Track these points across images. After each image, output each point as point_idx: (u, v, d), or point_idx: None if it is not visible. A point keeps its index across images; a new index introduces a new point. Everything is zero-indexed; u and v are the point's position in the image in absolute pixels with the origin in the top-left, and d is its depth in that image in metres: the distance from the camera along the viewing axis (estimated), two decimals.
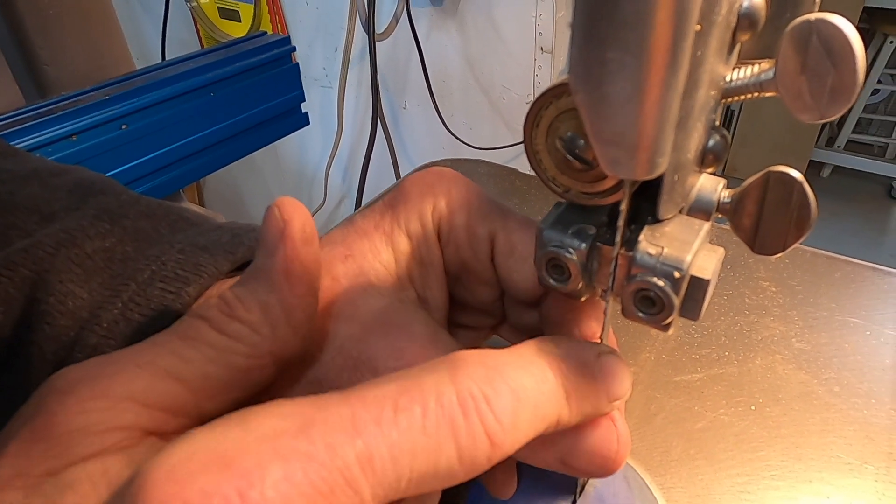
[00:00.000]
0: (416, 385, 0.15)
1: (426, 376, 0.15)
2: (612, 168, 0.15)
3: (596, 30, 0.13)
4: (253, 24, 1.24)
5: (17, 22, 0.71)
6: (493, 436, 0.15)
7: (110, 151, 0.61)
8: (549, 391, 0.16)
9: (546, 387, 0.16)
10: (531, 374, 0.16)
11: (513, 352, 0.17)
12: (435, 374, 0.15)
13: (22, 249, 0.22)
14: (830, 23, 0.17)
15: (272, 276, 0.18)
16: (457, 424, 0.14)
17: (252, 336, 0.18)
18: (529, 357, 0.17)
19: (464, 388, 0.15)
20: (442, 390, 0.15)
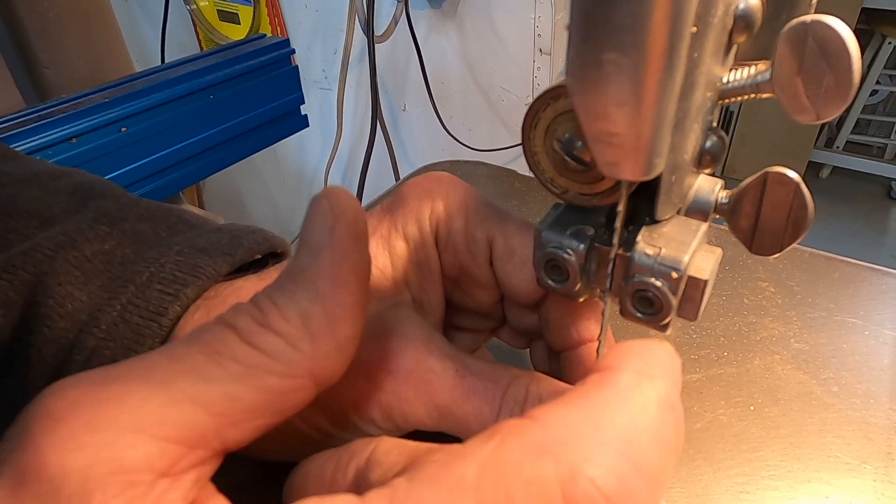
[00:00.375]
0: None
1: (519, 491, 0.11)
2: (609, 169, 0.15)
3: (593, 32, 0.13)
4: (252, 26, 1.25)
5: (17, 25, 0.72)
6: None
7: (110, 154, 0.61)
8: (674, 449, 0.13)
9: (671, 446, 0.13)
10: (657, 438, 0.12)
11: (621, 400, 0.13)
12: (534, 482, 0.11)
13: (21, 252, 0.22)
14: (826, 24, 0.17)
15: (317, 280, 0.15)
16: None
17: (289, 352, 0.15)
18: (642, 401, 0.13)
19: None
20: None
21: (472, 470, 0.11)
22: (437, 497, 0.11)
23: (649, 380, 0.13)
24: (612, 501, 0.11)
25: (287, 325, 0.15)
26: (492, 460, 0.11)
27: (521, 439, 0.12)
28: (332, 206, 0.16)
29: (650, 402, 0.13)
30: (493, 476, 0.11)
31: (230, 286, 0.23)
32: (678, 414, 0.14)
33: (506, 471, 0.11)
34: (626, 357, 0.14)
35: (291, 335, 0.15)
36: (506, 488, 0.11)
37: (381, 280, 0.22)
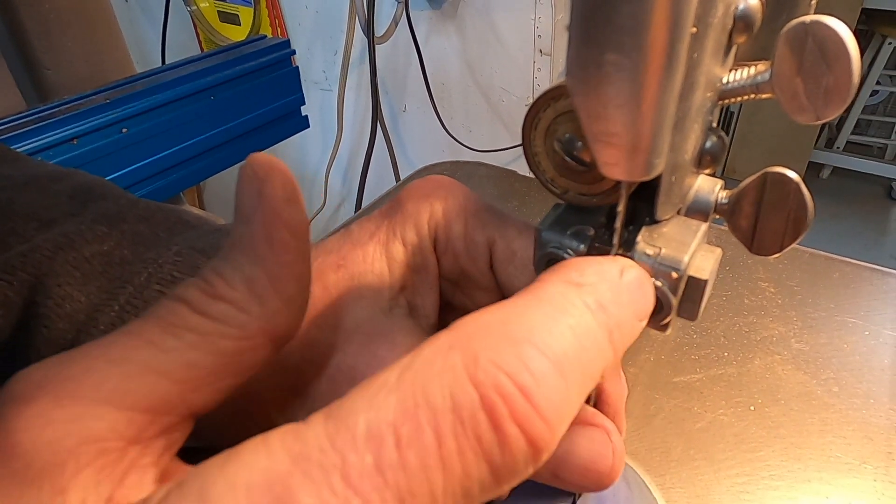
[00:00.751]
0: (422, 397, 0.11)
1: (432, 379, 0.12)
2: (609, 169, 0.15)
3: (593, 32, 0.13)
4: (252, 27, 1.25)
5: (19, 26, 0.72)
6: (536, 439, 0.12)
7: (111, 155, 0.62)
8: (595, 341, 0.13)
9: (590, 338, 0.13)
10: (571, 329, 0.13)
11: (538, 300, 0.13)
12: (444, 371, 0.12)
13: (21, 254, 0.22)
14: (825, 25, 0.17)
15: (254, 244, 0.16)
16: (486, 440, 0.11)
17: (240, 316, 0.15)
18: (562, 300, 0.13)
19: (489, 384, 0.11)
20: (459, 396, 0.11)
21: (394, 374, 0.12)
22: (365, 399, 0.12)
23: (576, 287, 0.14)
24: (514, 377, 0.11)
25: (233, 292, 0.15)
26: (410, 363, 0.12)
27: (434, 342, 0.12)
28: (258, 171, 0.16)
29: (572, 304, 0.13)
30: (410, 374, 0.12)
31: None
32: (608, 314, 0.14)
33: (420, 368, 0.12)
34: (560, 270, 0.15)
35: (239, 300, 0.15)
36: (422, 380, 0.12)
37: (376, 285, 0.22)
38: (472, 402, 0.11)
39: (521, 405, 0.11)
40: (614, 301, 0.14)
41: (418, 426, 0.11)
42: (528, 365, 0.12)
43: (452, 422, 0.11)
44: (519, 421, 0.11)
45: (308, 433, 0.12)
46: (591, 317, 0.13)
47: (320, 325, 0.21)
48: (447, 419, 0.11)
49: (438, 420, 0.11)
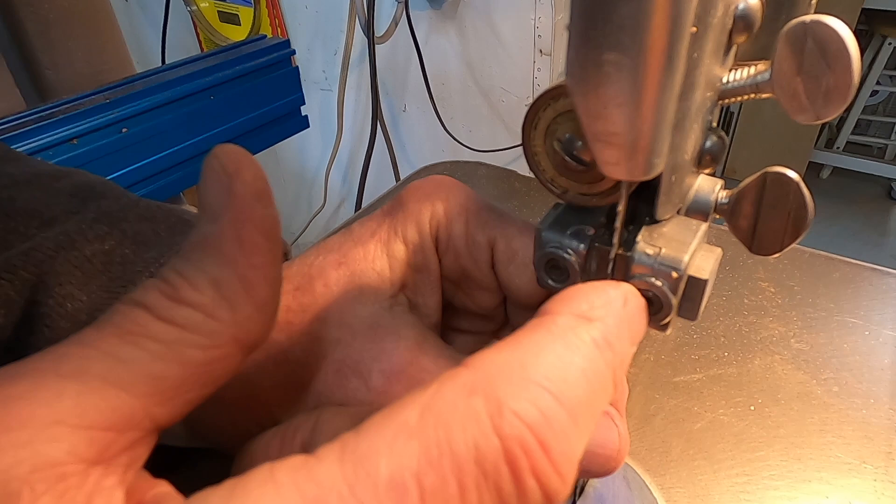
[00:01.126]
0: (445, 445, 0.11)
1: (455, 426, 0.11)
2: (609, 169, 0.15)
3: (593, 32, 0.13)
4: (253, 27, 1.25)
5: (18, 26, 0.72)
6: (552, 492, 0.12)
7: (111, 155, 0.62)
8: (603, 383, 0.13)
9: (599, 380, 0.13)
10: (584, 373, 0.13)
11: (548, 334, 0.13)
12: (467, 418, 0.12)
13: (22, 253, 0.22)
14: (825, 24, 0.17)
15: (222, 245, 0.15)
16: (506, 493, 0.11)
17: (208, 323, 0.14)
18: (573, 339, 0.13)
19: (513, 437, 0.11)
20: (483, 446, 0.11)
21: (414, 414, 0.12)
22: (385, 441, 0.11)
23: (586, 322, 0.14)
24: (534, 430, 0.12)
25: (200, 296, 0.14)
26: (431, 404, 0.12)
27: (455, 382, 0.12)
28: (226, 166, 0.15)
29: (583, 342, 0.14)
30: (432, 417, 0.12)
31: None
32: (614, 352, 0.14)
33: (443, 411, 0.12)
34: (568, 301, 0.15)
35: (206, 305, 0.14)
36: (445, 426, 0.11)
37: (378, 283, 0.22)
38: (496, 454, 0.11)
39: (540, 460, 0.11)
40: (619, 336, 0.14)
41: (442, 477, 0.11)
42: (548, 417, 0.12)
43: (476, 474, 0.11)
44: (537, 475, 0.11)
45: (322, 473, 0.11)
46: (600, 357, 0.14)
47: (324, 320, 0.21)
48: (471, 471, 0.11)
49: (463, 471, 0.11)
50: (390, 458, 0.11)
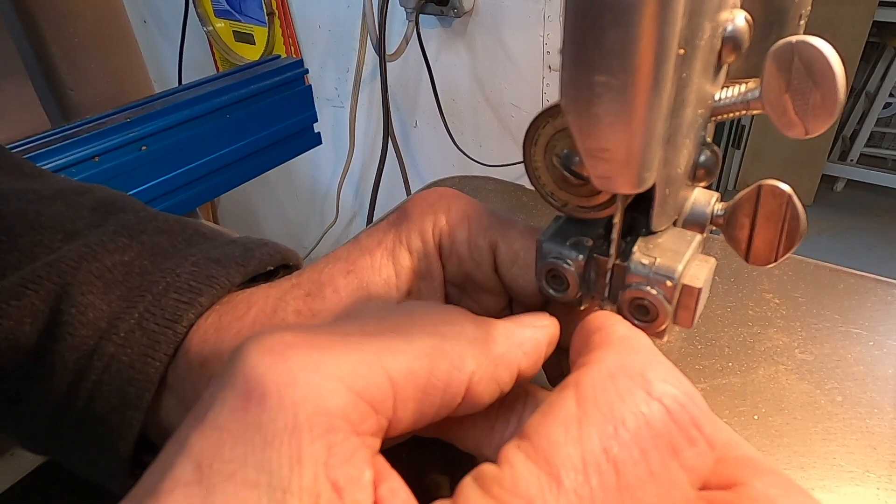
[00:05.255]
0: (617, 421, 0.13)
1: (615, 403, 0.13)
2: (602, 183, 0.16)
3: (584, 56, 0.14)
4: (267, 47, 1.28)
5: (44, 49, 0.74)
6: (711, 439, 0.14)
7: (130, 172, 0.63)
8: None
9: None
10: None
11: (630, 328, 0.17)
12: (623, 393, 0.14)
13: (47, 264, 0.24)
14: (811, 45, 0.18)
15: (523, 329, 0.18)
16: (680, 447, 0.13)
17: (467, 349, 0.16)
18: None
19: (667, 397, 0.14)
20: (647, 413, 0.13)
21: (572, 405, 0.14)
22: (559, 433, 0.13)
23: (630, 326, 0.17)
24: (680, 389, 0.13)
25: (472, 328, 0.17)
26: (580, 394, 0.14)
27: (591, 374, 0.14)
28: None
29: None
30: (590, 402, 0.13)
31: (241, 294, 0.24)
32: None
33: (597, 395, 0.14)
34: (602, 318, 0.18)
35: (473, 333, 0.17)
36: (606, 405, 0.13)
37: (385, 290, 0.23)
38: (661, 414, 0.13)
39: (695, 411, 0.13)
40: None
41: (625, 447, 0.13)
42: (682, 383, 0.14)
43: (650, 436, 0.13)
44: (697, 424, 0.13)
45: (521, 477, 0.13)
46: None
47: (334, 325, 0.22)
48: (646, 434, 0.13)
49: (640, 437, 0.13)
50: (575, 446, 0.13)
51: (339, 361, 0.14)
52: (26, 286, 0.23)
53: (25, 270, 0.23)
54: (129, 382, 0.22)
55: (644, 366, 0.14)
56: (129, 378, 0.22)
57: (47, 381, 0.23)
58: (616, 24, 0.13)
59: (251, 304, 0.23)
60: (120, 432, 0.23)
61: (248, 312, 0.23)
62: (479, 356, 0.16)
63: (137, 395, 0.22)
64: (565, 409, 0.14)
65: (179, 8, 1.24)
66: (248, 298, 0.24)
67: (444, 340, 0.16)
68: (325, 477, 0.13)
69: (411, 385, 0.15)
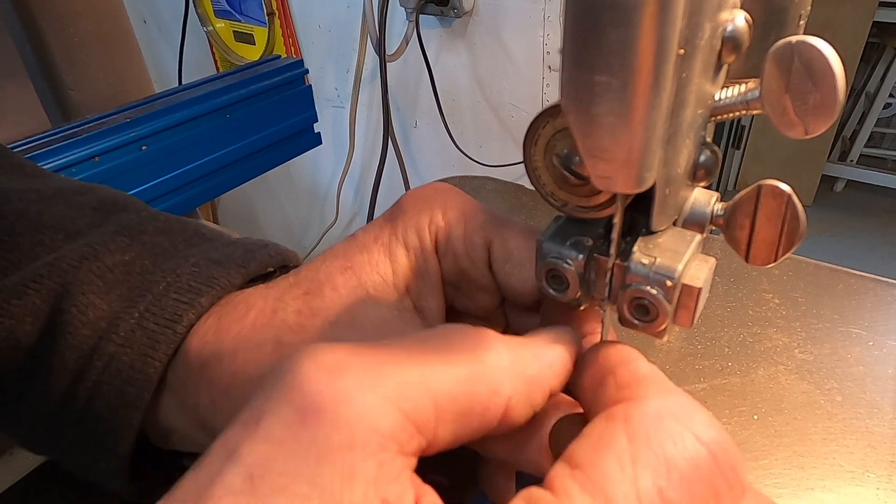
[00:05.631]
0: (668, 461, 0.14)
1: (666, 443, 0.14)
2: (602, 182, 0.16)
3: (584, 56, 0.14)
4: (267, 47, 1.28)
5: (45, 50, 0.74)
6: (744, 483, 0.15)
7: (131, 172, 0.63)
8: None
9: None
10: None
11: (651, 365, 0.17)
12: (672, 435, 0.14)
13: (48, 263, 0.24)
14: (811, 45, 0.18)
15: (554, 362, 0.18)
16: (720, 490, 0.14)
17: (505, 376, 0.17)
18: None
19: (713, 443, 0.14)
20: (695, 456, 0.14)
21: (623, 440, 0.14)
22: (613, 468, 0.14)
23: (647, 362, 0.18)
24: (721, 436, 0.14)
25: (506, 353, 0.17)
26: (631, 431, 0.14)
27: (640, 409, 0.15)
28: None
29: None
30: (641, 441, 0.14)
31: (240, 294, 0.24)
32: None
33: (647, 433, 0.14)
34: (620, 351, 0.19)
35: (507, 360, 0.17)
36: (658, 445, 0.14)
37: (383, 287, 0.23)
38: (707, 459, 0.14)
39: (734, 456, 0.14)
40: None
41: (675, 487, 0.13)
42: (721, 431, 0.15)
43: (698, 478, 0.14)
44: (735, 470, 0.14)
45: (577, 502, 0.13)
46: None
47: (335, 322, 0.22)
48: (694, 477, 0.14)
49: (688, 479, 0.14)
50: (631, 484, 0.13)
51: (390, 381, 0.14)
52: (27, 285, 0.23)
53: (26, 269, 0.23)
54: (128, 382, 0.22)
55: (689, 410, 0.15)
56: (129, 378, 0.22)
57: (47, 380, 0.23)
58: (616, 23, 0.13)
59: (250, 306, 0.23)
60: (119, 432, 0.23)
61: (248, 314, 0.23)
62: (514, 380, 0.17)
63: (137, 394, 0.22)
64: (618, 444, 0.14)
65: (179, 8, 1.24)
66: (247, 300, 0.24)
67: (483, 366, 0.16)
68: (375, 494, 0.13)
69: (452, 408, 0.15)
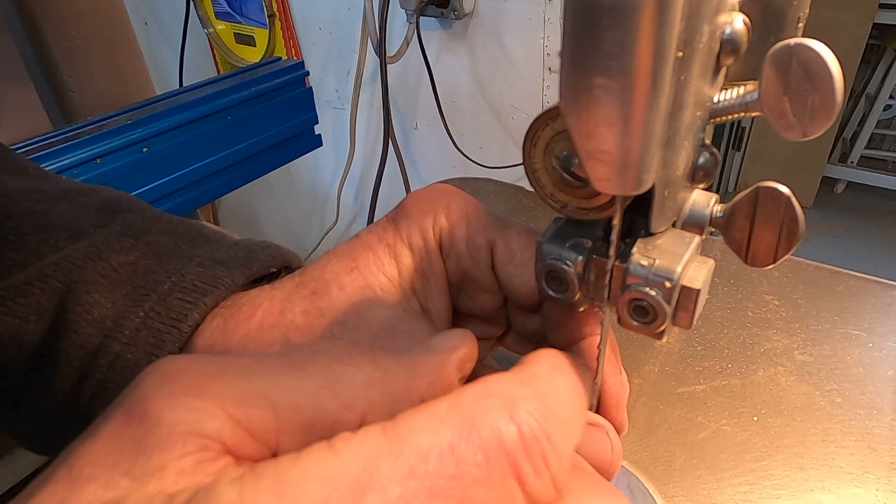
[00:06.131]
0: (473, 426, 0.14)
1: (480, 415, 0.14)
2: (601, 184, 0.16)
3: (582, 58, 0.14)
4: (268, 49, 1.28)
5: (46, 51, 0.75)
6: (556, 478, 0.14)
7: (132, 173, 0.64)
8: (579, 414, 0.17)
9: (577, 411, 0.17)
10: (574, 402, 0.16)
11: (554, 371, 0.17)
12: (489, 410, 0.14)
13: (53, 263, 0.24)
14: (809, 47, 0.18)
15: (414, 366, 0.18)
16: (524, 474, 0.14)
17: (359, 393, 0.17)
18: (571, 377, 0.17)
19: (525, 427, 0.14)
20: (503, 431, 0.14)
21: (444, 407, 0.14)
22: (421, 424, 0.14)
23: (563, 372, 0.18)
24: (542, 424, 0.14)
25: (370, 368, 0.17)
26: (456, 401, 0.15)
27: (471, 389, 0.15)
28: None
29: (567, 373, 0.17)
30: (459, 409, 0.14)
31: (245, 295, 0.24)
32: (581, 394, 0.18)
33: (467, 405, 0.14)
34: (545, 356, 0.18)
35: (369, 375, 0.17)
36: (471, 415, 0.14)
37: (390, 288, 0.23)
38: (514, 438, 0.14)
39: (547, 447, 0.14)
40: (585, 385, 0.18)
41: (473, 450, 0.14)
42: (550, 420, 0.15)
43: (499, 451, 0.14)
44: (545, 459, 0.14)
45: (371, 443, 0.14)
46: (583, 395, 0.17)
47: (342, 323, 0.22)
48: (495, 449, 0.14)
49: (489, 447, 0.14)
50: (429, 435, 0.14)
51: (224, 390, 0.15)
52: (32, 284, 0.23)
53: (31, 269, 0.24)
54: None
55: (521, 396, 0.15)
56: (134, 376, 0.22)
57: (51, 379, 0.23)
58: (615, 26, 0.13)
59: (257, 306, 0.23)
60: None
61: (255, 314, 0.23)
62: (373, 396, 0.17)
63: None
64: (436, 408, 0.14)
65: (180, 10, 1.24)
66: (253, 300, 0.24)
67: (335, 381, 0.16)
68: (187, 484, 0.14)
69: (297, 420, 0.16)
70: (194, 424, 0.14)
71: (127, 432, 0.14)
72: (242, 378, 0.16)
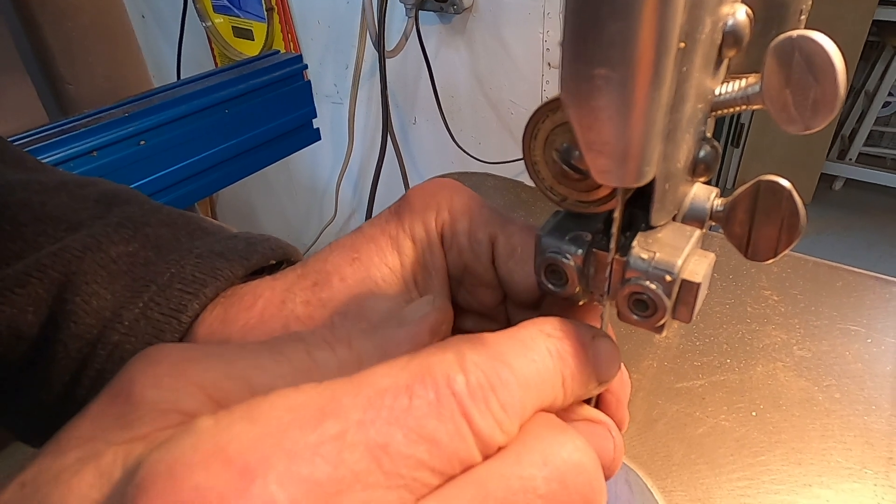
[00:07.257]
0: (427, 371, 0.15)
1: (435, 364, 0.15)
2: (602, 177, 0.16)
3: (584, 49, 0.14)
4: (266, 42, 1.27)
5: (42, 44, 0.74)
6: (501, 423, 0.15)
7: (129, 167, 0.63)
8: (549, 377, 0.17)
9: (546, 374, 0.17)
10: (532, 361, 0.17)
11: (514, 336, 0.17)
12: (443, 360, 0.15)
13: (52, 253, 0.24)
14: (812, 39, 0.18)
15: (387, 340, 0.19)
16: (470, 412, 0.15)
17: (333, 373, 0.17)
18: (530, 341, 0.17)
19: (472, 377, 0.15)
20: (452, 377, 0.15)
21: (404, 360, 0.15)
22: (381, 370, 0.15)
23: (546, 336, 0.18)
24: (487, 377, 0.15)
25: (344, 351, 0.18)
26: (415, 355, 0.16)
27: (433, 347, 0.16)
28: None
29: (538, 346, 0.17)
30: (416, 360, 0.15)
31: (246, 286, 0.24)
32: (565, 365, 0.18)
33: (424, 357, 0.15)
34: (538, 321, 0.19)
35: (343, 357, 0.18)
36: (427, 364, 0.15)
37: (392, 279, 0.23)
38: (461, 384, 0.15)
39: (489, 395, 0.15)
40: (575, 355, 0.18)
41: (424, 389, 0.15)
42: (498, 373, 0.16)
43: (447, 393, 0.15)
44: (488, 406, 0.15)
45: (336, 384, 0.15)
46: (551, 360, 0.17)
47: (344, 314, 0.22)
48: (444, 390, 0.15)
49: (438, 387, 0.15)
50: (389, 378, 0.15)
51: (205, 372, 0.16)
52: (30, 274, 0.23)
53: (30, 259, 0.23)
54: None
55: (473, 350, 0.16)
56: None
57: (49, 370, 0.23)
58: (616, 16, 0.13)
59: (258, 296, 0.23)
60: None
61: (256, 304, 0.23)
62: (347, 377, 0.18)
63: None
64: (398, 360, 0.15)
65: (178, 3, 1.23)
66: (254, 290, 0.24)
67: (312, 365, 0.17)
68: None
69: None
70: (175, 403, 0.15)
71: (112, 409, 0.15)
72: (223, 361, 0.16)
